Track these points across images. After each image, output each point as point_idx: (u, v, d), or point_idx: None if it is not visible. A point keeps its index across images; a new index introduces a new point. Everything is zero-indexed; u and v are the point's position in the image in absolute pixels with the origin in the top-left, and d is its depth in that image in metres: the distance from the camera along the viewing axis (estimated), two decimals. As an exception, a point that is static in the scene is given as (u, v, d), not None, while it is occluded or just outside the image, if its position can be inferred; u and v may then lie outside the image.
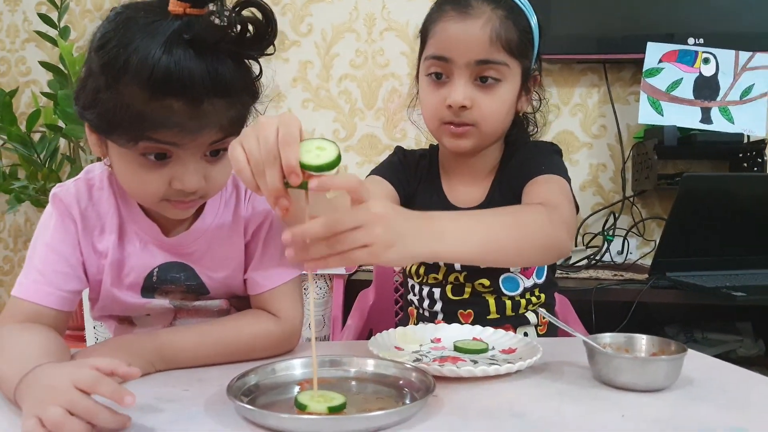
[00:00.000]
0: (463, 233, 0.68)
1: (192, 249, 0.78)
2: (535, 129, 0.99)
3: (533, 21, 0.89)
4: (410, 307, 1.02)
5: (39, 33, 1.97)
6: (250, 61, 0.68)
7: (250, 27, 0.63)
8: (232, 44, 0.63)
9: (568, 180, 0.89)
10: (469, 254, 0.70)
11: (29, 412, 0.51)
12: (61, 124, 1.89)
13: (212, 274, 0.79)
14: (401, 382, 0.62)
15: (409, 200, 0.98)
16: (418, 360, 0.71)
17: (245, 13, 0.63)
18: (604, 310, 1.43)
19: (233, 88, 0.64)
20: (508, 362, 0.67)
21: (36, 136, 1.95)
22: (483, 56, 0.84)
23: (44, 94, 2.01)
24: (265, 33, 0.63)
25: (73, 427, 0.50)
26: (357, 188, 0.59)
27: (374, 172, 0.98)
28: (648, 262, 1.66)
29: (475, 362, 0.71)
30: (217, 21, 0.62)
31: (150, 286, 0.78)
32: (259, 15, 0.63)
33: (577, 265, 1.79)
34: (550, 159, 0.91)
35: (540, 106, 0.97)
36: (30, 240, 0.77)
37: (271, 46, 0.65)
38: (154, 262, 0.78)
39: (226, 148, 0.69)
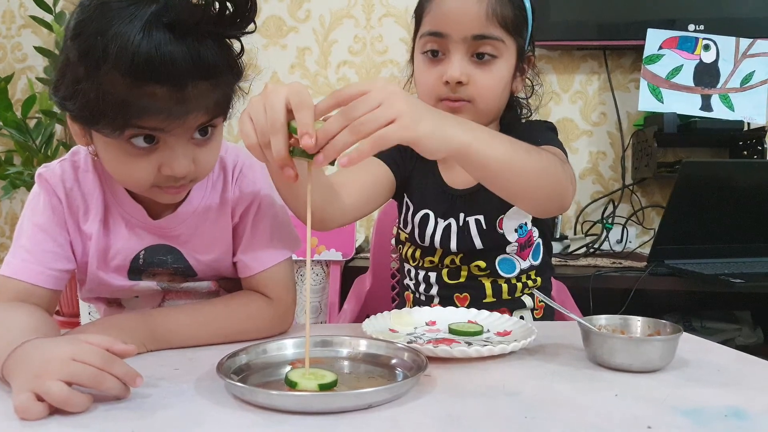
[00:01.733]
0: (491, 140, 0.67)
1: (178, 231, 0.77)
2: (529, 113, 0.98)
3: (527, 1, 0.89)
4: (407, 292, 1.02)
5: (34, 18, 1.95)
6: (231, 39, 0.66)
7: (229, 5, 0.61)
8: (212, 24, 0.61)
9: (565, 153, 0.88)
10: (496, 159, 0.67)
11: (22, 387, 0.51)
12: (56, 109, 1.88)
13: (199, 256, 0.79)
14: (393, 361, 0.62)
15: (405, 182, 0.97)
16: (412, 342, 0.70)
17: None
18: (602, 297, 1.42)
19: (217, 70, 0.63)
20: (503, 344, 0.66)
21: (32, 122, 1.95)
22: (479, 31, 0.84)
23: (40, 79, 2.00)
24: (245, 10, 0.62)
25: (79, 400, 0.50)
26: (345, 94, 0.57)
27: None
28: (647, 251, 1.65)
29: (470, 344, 0.70)
30: (194, 1, 0.60)
31: (137, 269, 0.78)
32: None
33: (575, 253, 1.78)
34: (547, 134, 0.91)
35: (534, 91, 0.97)
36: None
37: (252, 24, 0.63)
38: (141, 244, 0.77)
39: (214, 126, 0.68)
